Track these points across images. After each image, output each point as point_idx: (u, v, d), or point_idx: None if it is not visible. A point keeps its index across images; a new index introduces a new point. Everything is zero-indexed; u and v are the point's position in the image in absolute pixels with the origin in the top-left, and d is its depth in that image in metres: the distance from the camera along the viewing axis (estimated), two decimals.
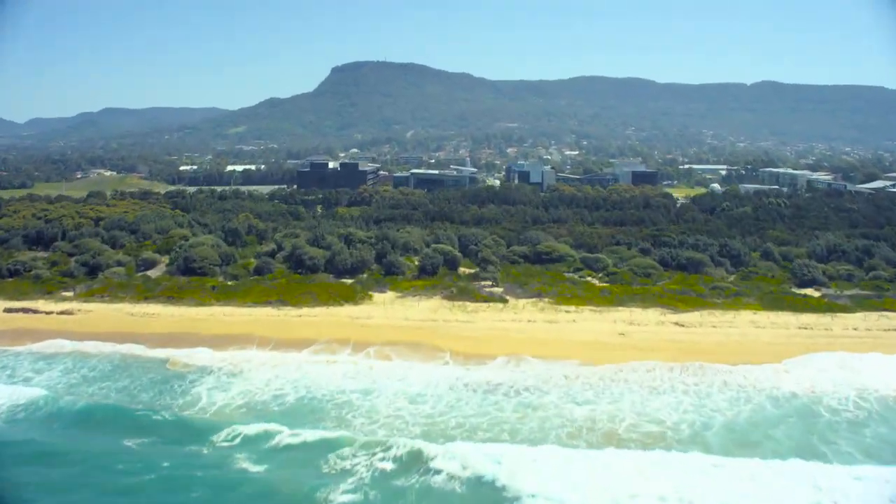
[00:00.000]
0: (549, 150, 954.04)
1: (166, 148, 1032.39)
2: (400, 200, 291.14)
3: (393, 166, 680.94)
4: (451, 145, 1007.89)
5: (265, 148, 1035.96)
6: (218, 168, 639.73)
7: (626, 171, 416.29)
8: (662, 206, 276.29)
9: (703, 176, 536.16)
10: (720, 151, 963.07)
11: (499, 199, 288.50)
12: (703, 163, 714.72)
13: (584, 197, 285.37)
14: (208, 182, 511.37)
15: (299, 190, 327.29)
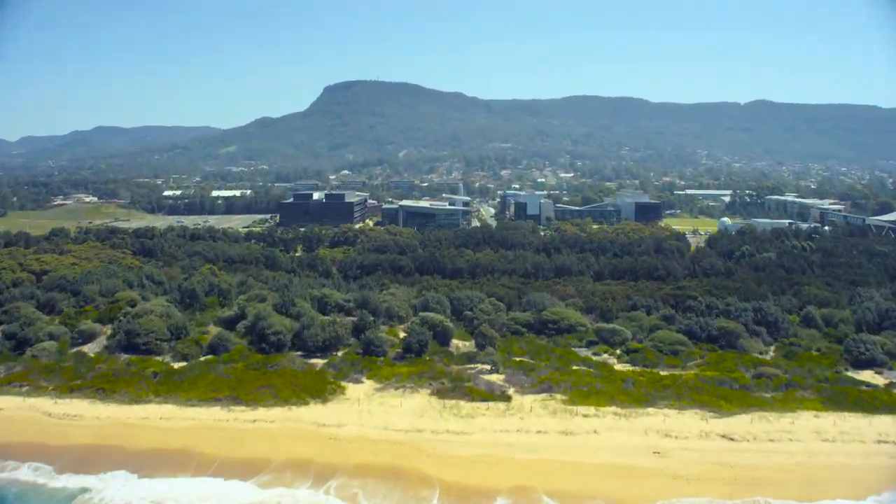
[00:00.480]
0: (543, 171, 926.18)
1: (155, 169, 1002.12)
2: (387, 242, 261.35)
3: (383, 192, 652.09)
4: (444, 167, 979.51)
5: (254, 169, 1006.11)
6: (202, 193, 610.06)
7: (628, 202, 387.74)
8: (676, 249, 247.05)
9: (706, 203, 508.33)
10: (717, 172, 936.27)
11: (495, 241, 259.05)
12: (700, 185, 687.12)
13: (590, 239, 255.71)
14: (190, 210, 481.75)
15: (279, 228, 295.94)
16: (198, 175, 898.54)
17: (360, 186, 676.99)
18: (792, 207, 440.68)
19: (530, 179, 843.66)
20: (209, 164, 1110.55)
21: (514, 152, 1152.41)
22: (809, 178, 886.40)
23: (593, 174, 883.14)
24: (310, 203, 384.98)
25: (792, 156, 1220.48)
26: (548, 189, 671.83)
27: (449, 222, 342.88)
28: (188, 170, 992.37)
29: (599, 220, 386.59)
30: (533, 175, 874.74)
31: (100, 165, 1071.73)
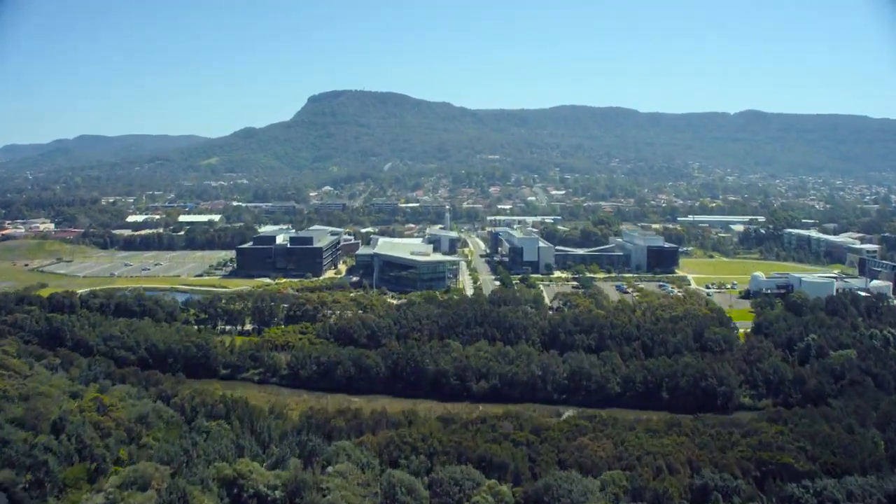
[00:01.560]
0: (533, 188, 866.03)
1: (132, 183, 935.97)
2: (354, 326, 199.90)
3: (364, 216, 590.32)
4: (431, 182, 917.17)
5: (234, 184, 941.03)
6: (168, 219, 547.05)
7: (639, 246, 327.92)
8: (722, 339, 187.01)
9: (717, 234, 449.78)
10: (712, 187, 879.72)
11: (489, 322, 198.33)
12: (703, 208, 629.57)
13: (609, 321, 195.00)
14: (147, 245, 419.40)
15: (222, 298, 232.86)
16: (174, 191, 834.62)
17: (340, 210, 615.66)
18: (817, 245, 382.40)
19: (520, 198, 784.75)
20: (189, 178, 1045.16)
21: (503, 165, 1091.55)
22: (808, 195, 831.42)
23: (586, 191, 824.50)
24: (272, 248, 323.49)
25: (783, 167, 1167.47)
26: (539, 213, 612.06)
27: (433, 277, 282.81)
28: (166, 184, 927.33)
29: (606, 267, 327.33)
30: (522, 193, 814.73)
31: (75, 179, 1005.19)
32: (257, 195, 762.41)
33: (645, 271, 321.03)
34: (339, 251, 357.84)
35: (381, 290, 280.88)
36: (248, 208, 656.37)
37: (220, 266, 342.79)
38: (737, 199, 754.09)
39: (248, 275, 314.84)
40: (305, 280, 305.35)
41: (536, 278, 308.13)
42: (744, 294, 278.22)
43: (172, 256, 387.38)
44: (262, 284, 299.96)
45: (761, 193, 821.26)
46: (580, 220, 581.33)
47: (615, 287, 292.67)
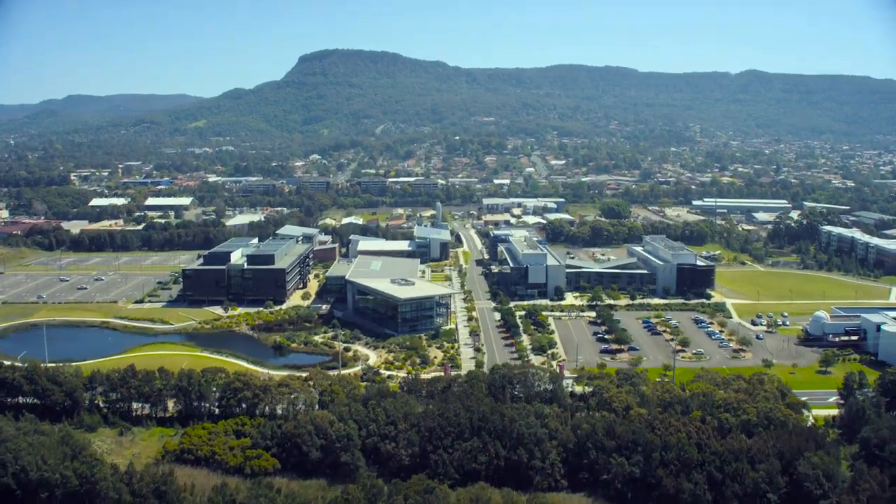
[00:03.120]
0: (531, 157, 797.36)
1: (113, 151, 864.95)
2: (304, 434, 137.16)
3: (348, 197, 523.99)
4: (423, 150, 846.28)
5: (218, 151, 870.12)
6: (133, 205, 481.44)
7: (668, 263, 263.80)
8: (822, 472, 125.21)
9: (743, 228, 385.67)
10: (717, 156, 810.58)
11: (491, 431, 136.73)
12: (717, 188, 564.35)
13: (662, 441, 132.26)
14: (98, 245, 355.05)
15: (133, 381, 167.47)
16: (154, 161, 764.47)
17: (323, 190, 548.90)
18: (864, 251, 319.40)
19: (517, 169, 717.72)
20: (174, 142, 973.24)
21: (499, 128, 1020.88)
22: (818, 164, 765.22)
23: (587, 160, 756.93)
24: (227, 269, 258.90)
25: (786, 129, 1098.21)
26: (540, 192, 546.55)
27: (417, 316, 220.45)
28: (147, 152, 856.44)
29: (626, 288, 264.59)
30: (520, 164, 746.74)
31: (55, 145, 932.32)
32: (238, 168, 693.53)
33: (674, 293, 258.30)
34: (310, 263, 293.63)
35: (352, 333, 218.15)
36: (225, 186, 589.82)
37: (169, 285, 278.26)
38: (747, 171, 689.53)
39: (197, 301, 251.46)
40: (264, 311, 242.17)
41: (545, 307, 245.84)
42: (804, 339, 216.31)
43: (121, 264, 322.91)
44: (210, 318, 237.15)
45: (771, 163, 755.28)
46: (585, 202, 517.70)
47: (642, 324, 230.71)
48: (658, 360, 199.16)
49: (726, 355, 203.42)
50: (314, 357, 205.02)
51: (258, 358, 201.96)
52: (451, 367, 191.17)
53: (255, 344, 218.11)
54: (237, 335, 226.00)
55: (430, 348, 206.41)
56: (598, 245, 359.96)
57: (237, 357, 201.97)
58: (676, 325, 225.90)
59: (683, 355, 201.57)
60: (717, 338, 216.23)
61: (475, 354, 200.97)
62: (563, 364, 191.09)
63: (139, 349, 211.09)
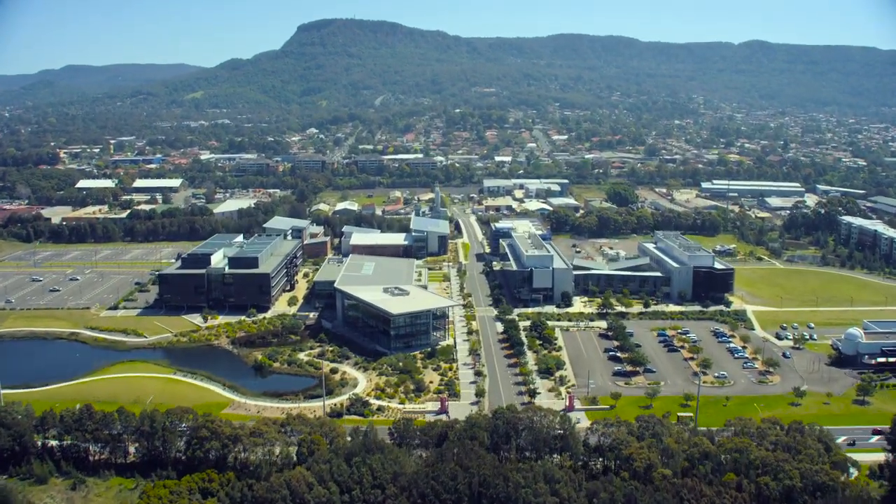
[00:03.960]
0: (532, 132, 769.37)
1: (108, 125, 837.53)
2: (277, 500, 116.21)
3: (343, 177, 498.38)
4: (423, 123, 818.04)
5: (214, 125, 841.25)
6: (124, 185, 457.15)
7: (683, 266, 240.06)
8: None
9: (756, 216, 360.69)
10: (722, 130, 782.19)
11: (491, 496, 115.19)
12: (725, 168, 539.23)
13: None
14: (79, 236, 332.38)
15: (89, 423, 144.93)
16: (147, 136, 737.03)
17: (319, 169, 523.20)
18: (885, 244, 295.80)
19: (519, 144, 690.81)
20: (170, 115, 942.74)
21: (500, 100, 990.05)
22: (826, 140, 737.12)
23: (590, 135, 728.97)
24: (206, 274, 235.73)
25: (790, 100, 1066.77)
26: (543, 172, 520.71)
27: (411, 332, 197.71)
28: (142, 125, 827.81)
29: (638, 292, 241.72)
30: (522, 139, 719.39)
31: (49, 119, 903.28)
32: (233, 145, 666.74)
33: (689, 299, 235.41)
34: (298, 264, 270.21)
35: (340, 350, 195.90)
36: (217, 164, 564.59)
37: (147, 286, 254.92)
38: (754, 148, 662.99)
39: (175, 307, 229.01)
40: (246, 321, 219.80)
41: (551, 315, 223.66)
42: (835, 359, 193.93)
43: (100, 259, 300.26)
44: (188, 329, 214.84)
45: (777, 138, 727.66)
46: (589, 183, 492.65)
47: (657, 337, 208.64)
48: (677, 385, 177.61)
49: (752, 379, 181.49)
50: (297, 380, 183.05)
51: (236, 382, 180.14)
52: (449, 395, 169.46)
53: (234, 362, 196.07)
54: (216, 350, 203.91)
55: (426, 370, 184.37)
56: (606, 235, 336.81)
57: (213, 381, 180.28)
58: (695, 341, 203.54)
59: (705, 379, 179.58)
60: (741, 356, 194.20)
61: (475, 379, 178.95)
62: (573, 394, 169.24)
63: (108, 369, 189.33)
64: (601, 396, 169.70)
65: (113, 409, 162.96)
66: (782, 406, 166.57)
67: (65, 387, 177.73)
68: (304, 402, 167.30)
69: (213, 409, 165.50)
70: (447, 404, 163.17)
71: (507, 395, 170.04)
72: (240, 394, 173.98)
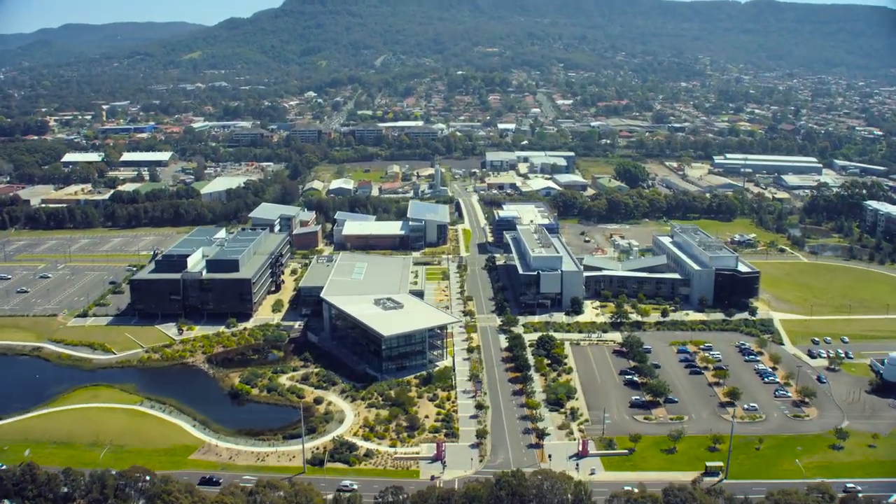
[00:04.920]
0: (536, 96, 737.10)
1: (102, 86, 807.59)
2: None
3: (340, 149, 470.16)
4: (424, 86, 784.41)
5: (211, 87, 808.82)
6: (107, 162, 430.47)
7: (704, 269, 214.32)
8: None
9: (778, 203, 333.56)
10: (731, 94, 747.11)
11: None
12: (736, 140, 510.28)
13: None
14: (57, 222, 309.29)
15: (28, 488, 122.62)
16: (141, 101, 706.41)
17: (314, 139, 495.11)
18: None
19: (522, 109, 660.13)
20: (166, 78, 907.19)
21: (503, 60, 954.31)
22: (837, 105, 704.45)
23: (595, 99, 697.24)
24: (182, 280, 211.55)
25: (798, 61, 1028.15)
26: (548, 142, 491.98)
27: (406, 352, 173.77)
28: (137, 89, 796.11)
29: (655, 295, 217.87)
30: (525, 104, 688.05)
31: (43, 82, 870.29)
32: (228, 111, 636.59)
33: (711, 305, 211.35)
34: (283, 263, 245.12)
35: (326, 372, 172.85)
36: (211, 133, 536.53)
37: (122, 285, 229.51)
38: (765, 114, 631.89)
39: (148, 315, 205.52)
40: (225, 332, 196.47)
41: (559, 325, 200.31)
42: (876, 385, 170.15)
43: (77, 250, 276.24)
44: (160, 343, 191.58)
45: (787, 103, 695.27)
46: (596, 155, 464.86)
47: (677, 353, 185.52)
48: (702, 419, 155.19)
49: (786, 411, 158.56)
50: (277, 412, 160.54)
51: (209, 414, 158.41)
52: (446, 435, 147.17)
53: (209, 386, 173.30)
54: (190, 370, 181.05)
55: (421, 399, 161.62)
56: (616, 220, 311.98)
57: (183, 413, 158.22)
58: (719, 360, 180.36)
59: (733, 410, 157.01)
60: (771, 379, 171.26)
61: (476, 413, 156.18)
62: (587, 436, 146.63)
63: (68, 396, 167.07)
64: (618, 436, 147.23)
65: (67, 453, 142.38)
66: (822, 449, 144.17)
67: (17, 422, 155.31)
68: (282, 446, 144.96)
69: (180, 453, 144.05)
70: (444, 449, 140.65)
71: (511, 437, 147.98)
72: (212, 431, 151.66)
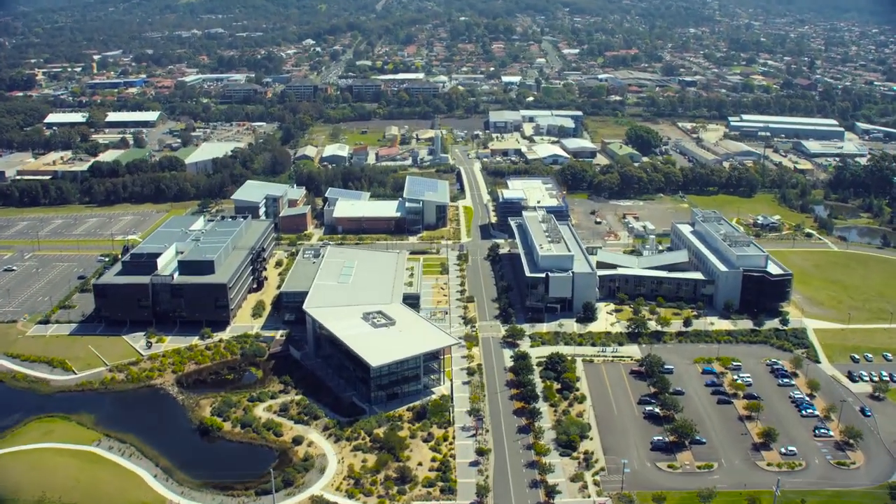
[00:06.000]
0: (541, 45, 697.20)
1: (95, 34, 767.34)
2: None
3: (336, 107, 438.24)
4: (426, 33, 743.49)
5: (206, 34, 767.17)
6: (92, 123, 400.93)
7: (733, 271, 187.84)
8: None
9: (801, 176, 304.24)
10: (742, 42, 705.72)
11: None
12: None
13: None
14: (30, 198, 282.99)
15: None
16: (134, 51, 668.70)
17: (310, 96, 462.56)
18: None
19: (527, 59, 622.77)
20: (162, 24, 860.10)
21: (507, 4, 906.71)
22: (851, 57, 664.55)
23: (602, 49, 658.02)
24: (151, 284, 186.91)
25: (808, 6, 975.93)
26: (554, 99, 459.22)
27: (398, 379, 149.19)
28: (131, 37, 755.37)
29: (675, 297, 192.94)
30: (531, 53, 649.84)
31: (36, 29, 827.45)
32: (222, 62, 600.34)
33: (737, 310, 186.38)
34: (265, 258, 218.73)
35: (309, 403, 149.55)
36: (203, 88, 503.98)
37: (90, 284, 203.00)
38: (778, 66, 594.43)
39: (115, 323, 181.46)
40: (199, 345, 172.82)
41: (570, 336, 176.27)
42: None
43: (48, 234, 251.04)
44: (126, 359, 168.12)
45: (800, 53, 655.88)
46: (605, 114, 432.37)
47: (702, 374, 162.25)
48: (734, 467, 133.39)
49: (828, 456, 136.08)
50: (251, 453, 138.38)
51: (174, 458, 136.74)
52: (442, 491, 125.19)
53: (177, 416, 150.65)
54: (158, 395, 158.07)
55: (414, 440, 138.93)
56: (629, 196, 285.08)
57: (144, 458, 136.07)
58: (750, 384, 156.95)
59: (769, 456, 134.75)
60: (810, 412, 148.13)
61: (476, 459, 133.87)
62: (605, 498, 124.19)
63: (17, 433, 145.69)
64: (639, 492, 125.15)
65: None
66: None
67: None
68: None
69: None
70: None
71: (517, 491, 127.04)
72: (175, 483, 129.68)
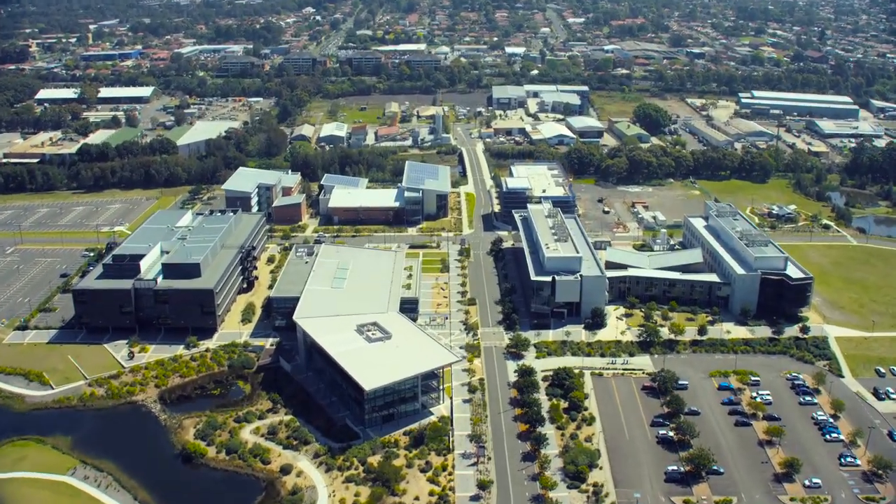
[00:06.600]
0: (545, 13, 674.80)
1: (93, 2, 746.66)
2: None
3: (335, 81, 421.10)
4: (427, 1, 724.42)
5: (204, 2, 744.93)
6: (83, 100, 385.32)
7: (750, 275, 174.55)
8: None
9: (816, 160, 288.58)
10: (750, 11, 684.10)
11: None
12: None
13: None
14: (17, 184, 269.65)
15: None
16: (131, 21, 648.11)
17: (308, 69, 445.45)
18: None
19: (531, 29, 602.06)
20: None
21: None
22: (861, 25, 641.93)
23: (608, 18, 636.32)
24: (134, 289, 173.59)
25: None
26: (559, 73, 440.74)
27: (394, 400, 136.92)
28: (129, 5, 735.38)
29: (688, 301, 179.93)
30: (534, 23, 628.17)
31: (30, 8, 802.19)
32: (220, 32, 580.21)
33: (754, 315, 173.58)
34: (257, 256, 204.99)
35: (298, 428, 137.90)
36: (200, 59, 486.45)
37: (73, 281, 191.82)
38: (787, 37, 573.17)
39: (96, 330, 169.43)
40: (184, 356, 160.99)
41: (577, 346, 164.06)
42: None
43: (32, 225, 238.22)
44: (107, 370, 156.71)
45: (809, 23, 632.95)
46: (612, 89, 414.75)
47: (718, 390, 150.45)
48: (754, 501, 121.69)
49: (856, 490, 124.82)
50: (235, 484, 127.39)
51: (153, 489, 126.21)
52: None
53: (158, 437, 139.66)
54: (138, 412, 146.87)
55: (411, 469, 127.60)
56: (637, 181, 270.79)
57: (121, 488, 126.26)
58: (769, 402, 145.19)
59: (792, 490, 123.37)
60: (834, 436, 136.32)
61: (478, 494, 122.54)
62: None
63: None
64: None
65: None
66: None
67: None
68: None
69: None
70: None
71: None
72: None
